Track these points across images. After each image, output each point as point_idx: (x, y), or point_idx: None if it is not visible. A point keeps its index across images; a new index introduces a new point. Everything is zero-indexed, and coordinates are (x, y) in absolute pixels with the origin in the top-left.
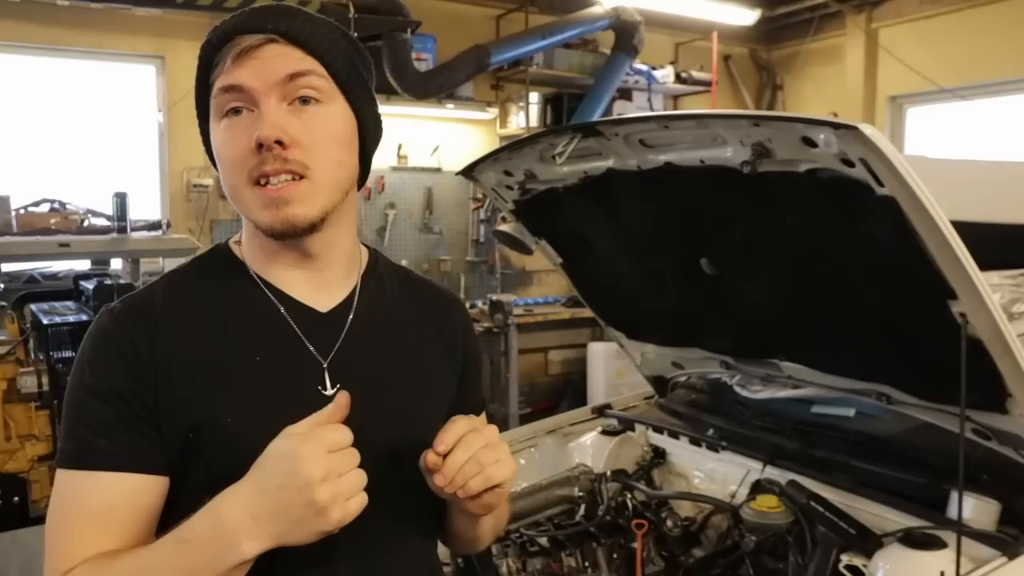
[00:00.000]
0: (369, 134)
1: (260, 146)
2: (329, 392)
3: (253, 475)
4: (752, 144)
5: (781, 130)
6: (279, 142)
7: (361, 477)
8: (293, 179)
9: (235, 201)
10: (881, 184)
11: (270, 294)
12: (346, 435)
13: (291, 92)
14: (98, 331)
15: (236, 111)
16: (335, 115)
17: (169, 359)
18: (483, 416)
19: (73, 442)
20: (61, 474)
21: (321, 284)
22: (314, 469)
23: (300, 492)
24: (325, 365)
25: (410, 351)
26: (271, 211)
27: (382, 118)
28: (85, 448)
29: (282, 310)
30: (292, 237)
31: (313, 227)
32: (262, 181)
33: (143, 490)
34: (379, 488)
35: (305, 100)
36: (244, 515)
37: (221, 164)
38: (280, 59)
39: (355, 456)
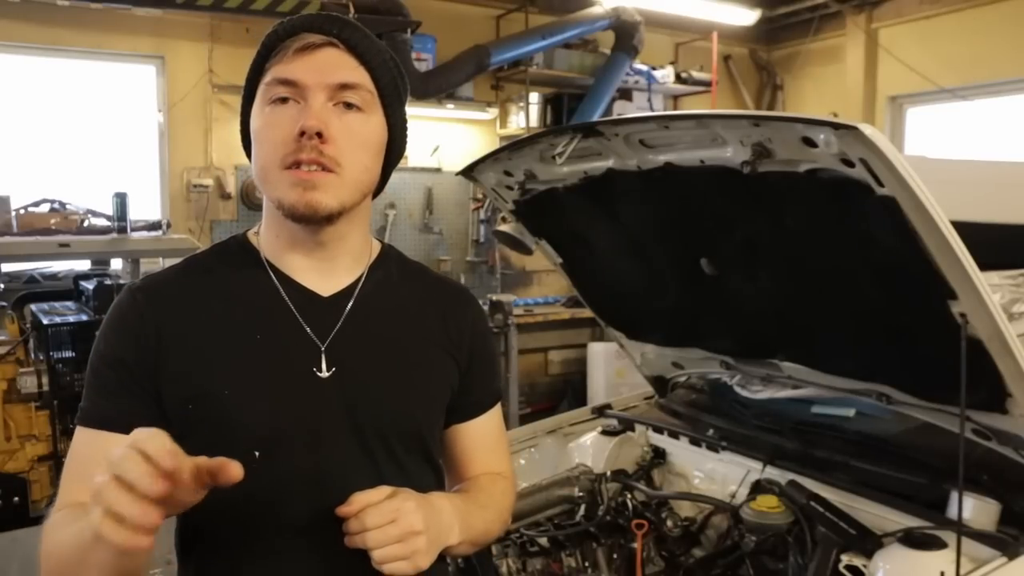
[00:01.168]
0: (395, 149)
1: (302, 134)
2: (324, 374)
3: None
4: (752, 144)
5: (781, 130)
6: (319, 134)
7: (130, 510)
8: (323, 170)
9: (263, 182)
10: (881, 184)
11: (275, 278)
12: (120, 465)
13: (339, 96)
14: (116, 305)
15: (283, 100)
16: (373, 125)
17: (176, 333)
18: (496, 408)
19: (87, 403)
20: (77, 429)
21: (326, 272)
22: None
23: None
24: (323, 348)
25: (408, 340)
26: (297, 191)
27: None
28: (94, 409)
29: (283, 292)
30: (310, 222)
31: (331, 217)
32: (294, 166)
33: None
34: (368, 468)
35: (349, 105)
36: None
37: (258, 144)
38: (336, 63)
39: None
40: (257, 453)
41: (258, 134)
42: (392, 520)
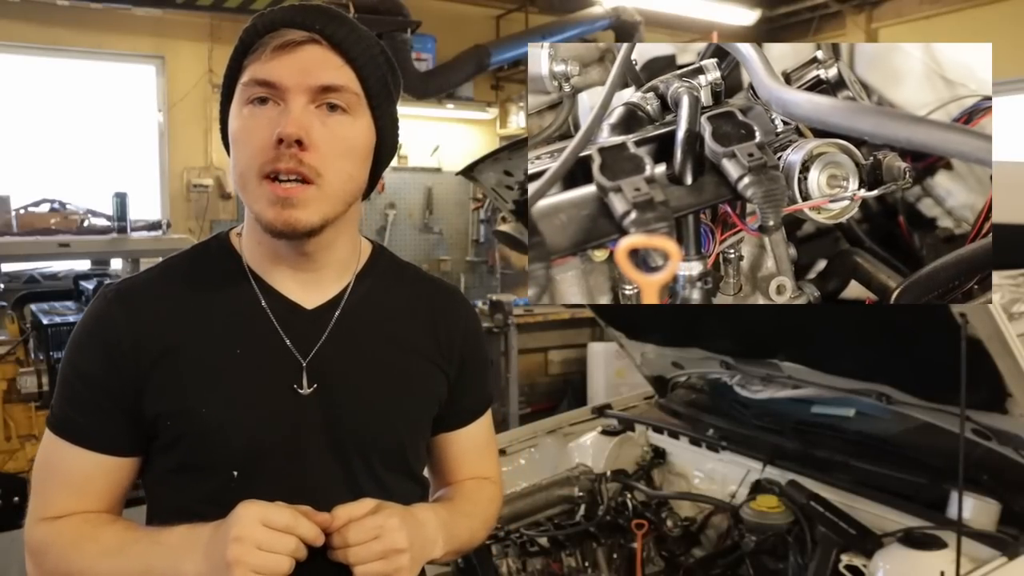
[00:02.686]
0: (385, 151)
1: (280, 141)
2: (305, 391)
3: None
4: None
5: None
6: (299, 142)
7: (280, 564)
8: (302, 182)
9: (241, 190)
10: None
11: (257, 288)
12: (286, 520)
13: (321, 98)
14: (91, 314)
15: (262, 100)
16: (359, 129)
17: (152, 347)
18: (488, 414)
19: (59, 409)
20: (48, 434)
21: (311, 283)
22: (239, 528)
23: (222, 542)
24: (304, 364)
25: (395, 354)
26: (275, 209)
27: None
28: (66, 419)
29: (264, 304)
30: (290, 238)
31: (312, 232)
32: (272, 176)
33: (111, 467)
34: (348, 487)
35: (333, 107)
36: (200, 543)
37: (236, 149)
38: (318, 62)
39: (285, 543)
40: (235, 472)
41: (235, 138)
42: (375, 536)
